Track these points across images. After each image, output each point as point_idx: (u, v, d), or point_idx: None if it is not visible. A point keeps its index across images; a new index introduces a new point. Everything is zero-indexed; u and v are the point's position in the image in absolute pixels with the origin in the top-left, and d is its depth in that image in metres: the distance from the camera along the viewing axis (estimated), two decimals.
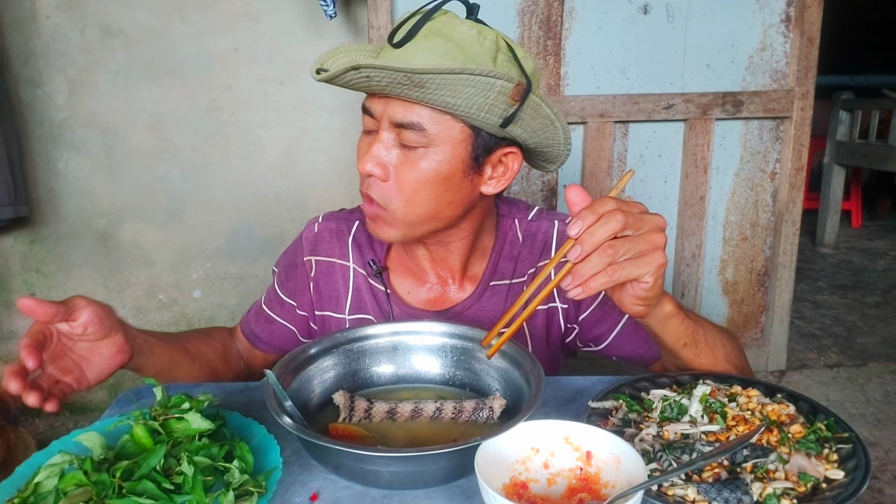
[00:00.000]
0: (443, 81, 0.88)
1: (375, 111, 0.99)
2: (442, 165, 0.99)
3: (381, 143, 0.99)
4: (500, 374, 0.97)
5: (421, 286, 1.20)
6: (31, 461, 0.78)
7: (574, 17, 2.46)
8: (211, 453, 0.75)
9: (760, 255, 2.75)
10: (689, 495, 0.70)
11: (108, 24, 2.60)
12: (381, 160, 0.99)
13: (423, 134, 0.97)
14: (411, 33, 0.95)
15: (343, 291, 1.22)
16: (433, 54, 0.93)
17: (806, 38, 2.49)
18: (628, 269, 0.79)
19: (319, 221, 1.26)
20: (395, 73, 0.87)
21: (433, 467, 0.74)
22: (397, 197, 1.01)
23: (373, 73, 0.88)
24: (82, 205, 2.78)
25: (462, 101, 0.92)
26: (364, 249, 1.22)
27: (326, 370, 0.99)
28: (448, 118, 0.97)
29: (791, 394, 0.91)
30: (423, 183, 1.00)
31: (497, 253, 1.20)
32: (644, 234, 0.80)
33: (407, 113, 0.96)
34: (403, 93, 0.93)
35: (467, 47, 0.95)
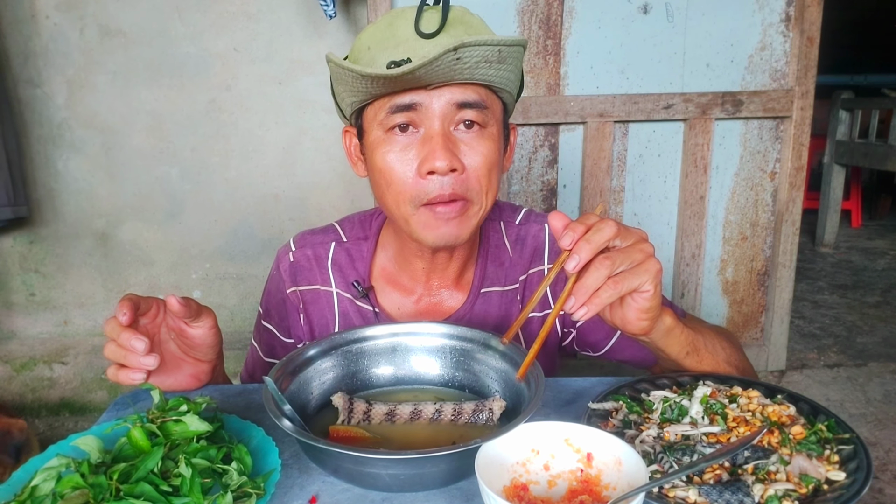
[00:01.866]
0: (516, 55, 0.92)
1: (422, 101, 0.92)
2: (497, 144, 0.99)
3: (442, 135, 0.93)
4: (500, 375, 0.97)
5: (410, 298, 1.16)
6: (28, 465, 0.77)
7: (574, 17, 2.45)
8: (209, 455, 0.74)
9: (760, 255, 2.75)
10: (690, 497, 0.70)
11: (107, 24, 2.60)
12: (453, 152, 0.94)
13: (484, 112, 0.95)
14: (443, 22, 0.92)
15: (330, 318, 1.17)
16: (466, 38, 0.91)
17: (806, 38, 2.49)
18: (629, 279, 0.78)
19: (293, 250, 1.19)
20: (490, 48, 0.86)
21: (433, 469, 0.73)
22: (477, 185, 0.97)
23: (465, 53, 0.85)
24: (81, 205, 2.78)
25: (514, 75, 0.96)
26: (346, 271, 1.17)
27: (325, 372, 0.98)
28: (494, 97, 0.98)
29: (792, 395, 0.90)
30: (493, 164, 0.98)
31: (483, 258, 1.16)
32: (634, 244, 0.79)
33: (468, 93, 0.93)
34: (482, 72, 0.90)
35: (483, 32, 0.97)
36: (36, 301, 2.91)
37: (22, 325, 2.94)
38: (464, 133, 0.95)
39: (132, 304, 0.88)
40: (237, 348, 2.42)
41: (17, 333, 2.94)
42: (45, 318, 2.94)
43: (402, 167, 0.96)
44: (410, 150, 0.95)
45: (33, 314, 2.93)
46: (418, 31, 0.92)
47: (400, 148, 0.95)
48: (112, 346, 0.88)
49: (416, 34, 0.92)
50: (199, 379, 1.01)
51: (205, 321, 0.95)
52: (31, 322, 2.94)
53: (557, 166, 2.58)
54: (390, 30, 0.94)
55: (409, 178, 0.96)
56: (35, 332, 2.95)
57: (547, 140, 2.56)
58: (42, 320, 2.94)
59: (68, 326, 2.94)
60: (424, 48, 0.90)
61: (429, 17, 0.94)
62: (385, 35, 0.94)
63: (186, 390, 1.01)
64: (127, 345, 0.86)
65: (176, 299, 0.89)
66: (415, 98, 0.92)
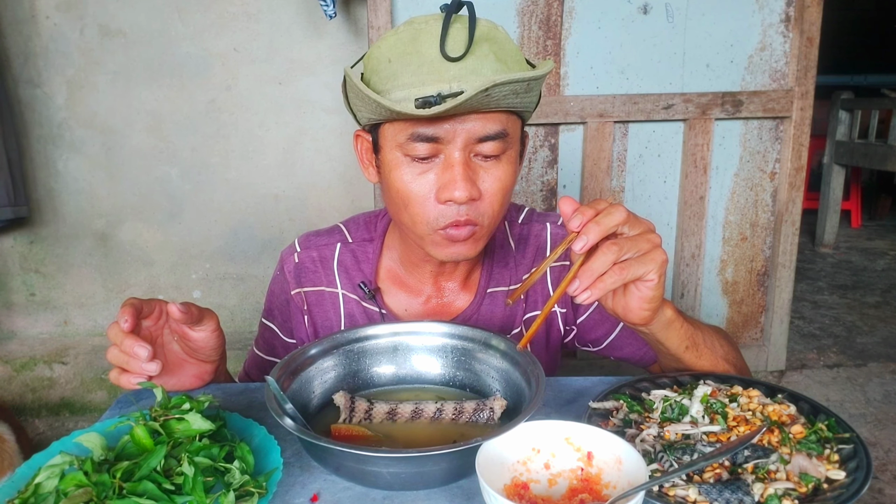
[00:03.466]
0: (540, 81, 0.91)
1: (444, 134, 0.91)
2: (515, 165, 1.00)
3: (462, 163, 0.93)
4: (501, 374, 0.97)
5: (417, 299, 1.16)
6: (32, 462, 0.77)
7: (574, 17, 2.46)
8: (211, 454, 0.75)
9: (760, 255, 2.75)
10: (690, 496, 0.70)
11: (107, 24, 2.60)
12: (473, 181, 0.94)
13: (505, 140, 0.94)
14: (470, 42, 0.90)
15: (335, 320, 1.17)
16: (492, 59, 0.91)
17: (805, 38, 2.49)
18: (634, 266, 0.79)
19: (298, 251, 1.19)
20: (519, 83, 0.85)
21: (434, 468, 0.73)
22: (490, 210, 0.98)
23: (495, 91, 0.84)
24: (81, 205, 2.78)
25: (536, 97, 0.97)
26: (352, 273, 1.17)
27: (327, 371, 0.98)
28: (514, 117, 0.97)
29: (792, 394, 0.90)
30: (508, 187, 0.99)
31: (490, 259, 1.17)
32: (642, 233, 0.80)
33: (491, 125, 0.92)
34: (509, 102, 0.89)
35: (508, 47, 0.95)
36: (36, 301, 2.91)
37: (22, 325, 2.94)
38: (483, 161, 0.96)
39: (134, 310, 0.88)
40: (237, 348, 2.42)
41: (17, 333, 2.95)
42: (45, 318, 2.94)
43: (420, 191, 0.95)
44: (429, 174, 0.95)
45: (33, 314, 2.93)
46: (444, 52, 0.89)
47: (419, 172, 0.95)
48: (115, 351, 0.88)
49: (442, 56, 0.89)
50: (203, 379, 1.02)
51: (207, 325, 0.95)
52: (32, 322, 2.94)
53: (557, 166, 2.59)
54: (414, 45, 0.91)
55: (428, 203, 0.96)
56: (35, 332, 2.95)
57: (547, 140, 2.56)
58: (42, 320, 2.94)
59: (68, 326, 2.95)
60: (450, 71, 0.89)
61: (454, 33, 0.90)
62: (408, 50, 0.91)
63: (189, 390, 1.01)
64: (130, 351, 0.86)
65: (177, 307, 0.89)
66: (438, 131, 0.91)
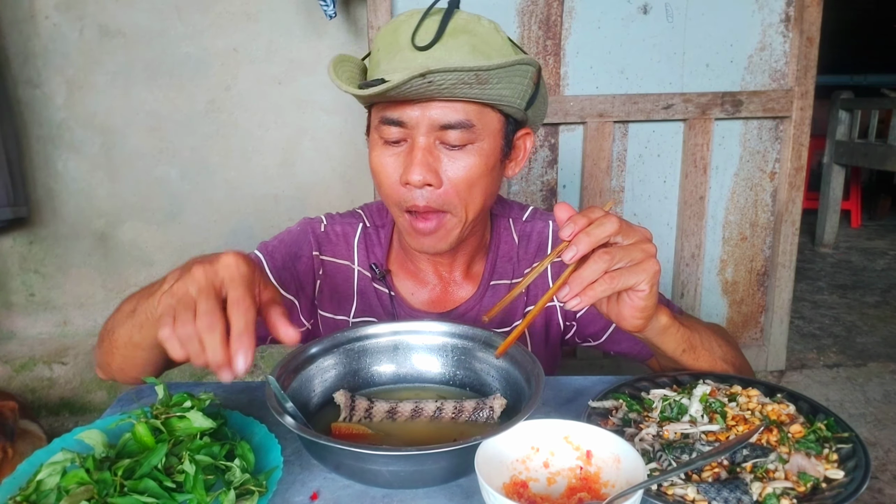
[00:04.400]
0: (504, 74, 0.91)
1: (408, 119, 0.96)
2: (489, 158, 1.00)
3: (423, 148, 0.97)
4: (501, 373, 0.97)
5: (423, 288, 1.20)
6: (33, 459, 0.78)
7: (573, 17, 2.46)
8: (212, 452, 0.75)
9: (760, 255, 2.76)
10: (688, 495, 0.70)
11: (106, 24, 2.60)
12: (431, 166, 0.97)
13: (470, 130, 0.96)
14: (439, 33, 0.93)
15: (348, 294, 1.21)
16: (466, 51, 0.93)
17: (805, 38, 2.49)
18: (625, 276, 0.78)
19: (325, 223, 1.23)
20: (464, 73, 0.87)
21: (433, 466, 0.74)
22: (456, 199, 1.00)
23: (437, 78, 0.86)
24: (81, 205, 2.78)
25: (511, 91, 0.95)
26: (368, 252, 1.21)
27: (327, 370, 0.99)
28: (489, 110, 0.98)
29: (791, 393, 0.91)
30: (476, 179, 1.00)
31: (494, 252, 1.20)
32: (636, 243, 0.80)
33: (452, 113, 0.95)
34: (462, 92, 0.91)
35: (490, 40, 0.96)
36: (35, 301, 2.91)
37: (22, 325, 2.94)
38: (448, 149, 0.98)
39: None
40: None
41: (16, 334, 2.94)
42: (44, 319, 2.94)
43: (388, 172, 1.01)
44: (399, 157, 1.00)
45: (33, 314, 2.93)
46: (413, 41, 0.93)
47: (389, 154, 1.01)
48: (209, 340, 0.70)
49: (412, 45, 0.93)
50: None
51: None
52: (31, 322, 2.94)
53: (557, 166, 2.59)
54: (394, 35, 0.96)
55: (394, 184, 1.01)
56: (35, 333, 2.95)
57: (547, 140, 2.56)
58: (42, 320, 2.94)
59: (68, 327, 2.95)
60: (418, 59, 0.93)
61: (428, 25, 0.94)
62: (389, 40, 0.97)
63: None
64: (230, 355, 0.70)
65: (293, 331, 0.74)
66: (402, 116, 0.96)
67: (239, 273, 0.71)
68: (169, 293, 0.71)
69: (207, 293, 0.70)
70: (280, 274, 1.18)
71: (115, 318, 0.98)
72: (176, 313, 0.69)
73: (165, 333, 0.69)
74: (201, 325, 0.68)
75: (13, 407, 2.07)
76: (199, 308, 0.69)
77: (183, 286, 0.71)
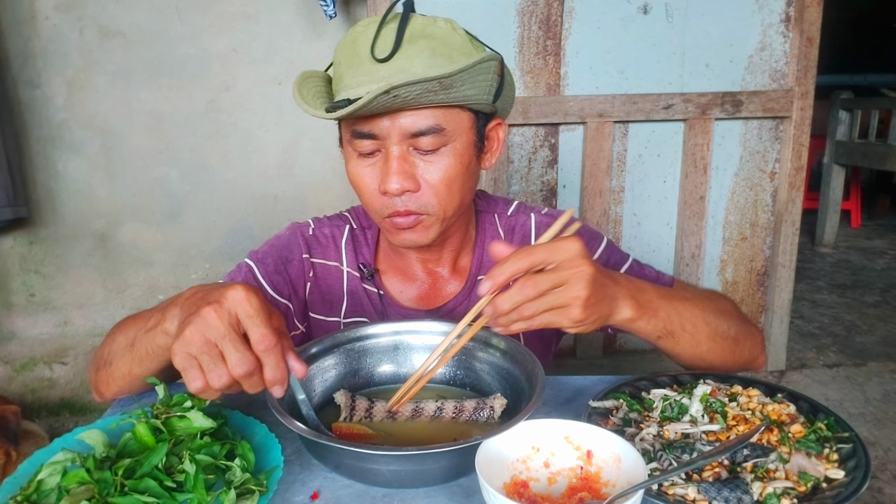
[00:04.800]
0: (466, 76, 0.91)
1: (379, 131, 0.97)
2: (463, 157, 1.01)
3: (398, 157, 0.98)
4: (501, 373, 0.97)
5: (411, 285, 1.21)
6: (34, 459, 0.78)
7: (573, 17, 2.46)
8: (212, 452, 0.75)
9: (760, 255, 2.76)
10: (689, 494, 0.70)
11: (106, 24, 2.60)
12: (407, 173, 0.98)
13: (441, 134, 0.97)
14: (397, 42, 0.93)
15: (339, 296, 1.21)
16: (427, 55, 0.93)
17: (805, 38, 2.49)
18: (546, 318, 0.78)
19: (312, 226, 1.24)
20: (427, 83, 0.87)
21: (434, 466, 0.74)
22: (434, 200, 1.01)
23: (402, 92, 0.87)
24: (81, 206, 2.78)
25: (476, 90, 0.96)
26: (356, 253, 1.22)
27: (327, 370, 0.99)
28: (458, 110, 0.99)
29: (791, 393, 0.91)
30: (453, 179, 1.01)
31: (480, 247, 1.21)
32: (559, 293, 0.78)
33: (422, 120, 0.95)
34: (429, 100, 0.92)
35: (450, 40, 0.96)
36: (36, 302, 2.91)
37: (22, 325, 2.94)
38: (423, 154, 0.99)
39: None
40: None
41: (17, 334, 2.94)
42: (44, 319, 2.93)
43: (367, 183, 1.03)
44: (375, 168, 1.01)
45: (33, 315, 2.93)
46: (373, 54, 0.94)
47: (365, 166, 1.02)
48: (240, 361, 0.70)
49: (372, 57, 0.94)
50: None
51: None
52: (31, 322, 2.94)
53: (557, 166, 2.59)
54: (353, 48, 0.97)
55: (374, 194, 1.02)
56: (35, 333, 2.95)
57: (547, 140, 2.56)
58: (42, 321, 2.94)
59: (68, 327, 2.94)
60: (380, 71, 0.93)
61: (386, 34, 0.95)
62: (349, 53, 0.98)
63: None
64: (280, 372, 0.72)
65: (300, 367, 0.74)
66: (373, 128, 0.97)
67: (254, 309, 0.70)
68: (183, 341, 0.69)
69: (232, 338, 0.69)
70: (273, 279, 1.18)
71: (111, 349, 0.98)
72: (203, 365, 0.69)
73: (198, 387, 0.69)
74: (238, 373, 0.68)
75: (16, 410, 2.07)
76: (231, 358, 0.68)
77: (198, 334, 0.69)
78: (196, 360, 0.69)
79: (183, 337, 0.69)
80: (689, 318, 0.97)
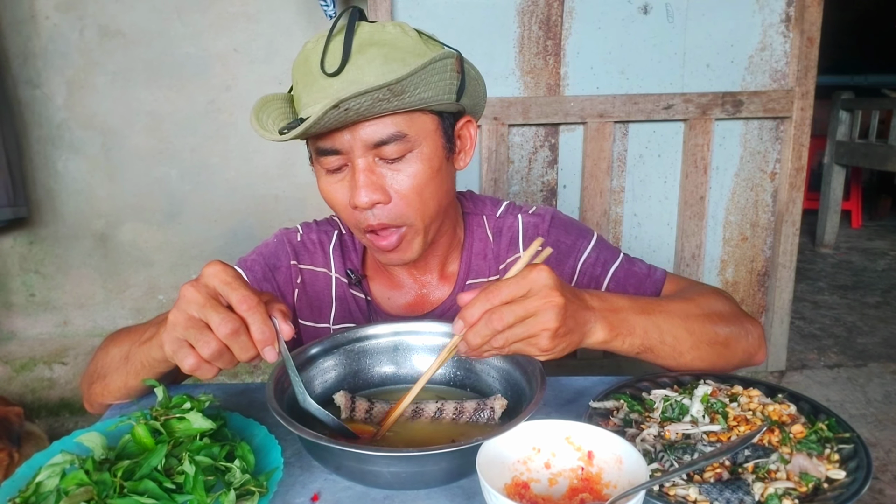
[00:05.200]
0: (418, 80, 0.89)
1: (341, 145, 0.95)
2: (432, 160, 0.99)
3: (364, 170, 0.96)
4: (501, 374, 0.97)
5: (398, 292, 1.19)
6: (33, 461, 0.77)
7: (574, 17, 2.46)
8: (212, 453, 0.75)
9: (760, 256, 2.75)
10: (690, 495, 0.70)
11: (106, 24, 2.60)
12: (375, 185, 0.96)
13: (405, 140, 0.95)
14: (345, 55, 0.91)
15: (327, 301, 1.20)
16: (378, 63, 0.91)
17: (806, 38, 2.49)
18: (516, 347, 0.79)
19: (300, 232, 1.23)
20: (376, 91, 0.84)
21: (434, 468, 0.73)
22: (409, 210, 0.99)
23: (352, 104, 0.84)
24: (81, 205, 2.78)
25: (433, 91, 0.93)
26: (344, 259, 1.21)
27: (327, 370, 0.98)
28: (419, 114, 0.96)
29: (792, 394, 0.90)
30: (424, 185, 0.99)
31: (469, 250, 1.19)
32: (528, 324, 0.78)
33: (382, 129, 0.93)
34: (382, 108, 0.90)
35: (401, 44, 0.94)
36: (36, 302, 2.91)
37: (22, 325, 2.94)
38: (389, 163, 0.97)
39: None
40: None
41: (17, 334, 2.94)
42: (44, 319, 2.94)
43: (339, 199, 1.01)
44: (344, 182, 0.99)
45: (33, 315, 2.93)
46: (323, 68, 0.92)
47: (335, 182, 1.00)
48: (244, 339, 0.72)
49: (322, 73, 0.92)
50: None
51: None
52: (31, 323, 2.94)
53: (557, 167, 2.59)
54: (306, 66, 0.95)
55: (347, 209, 1.01)
56: (35, 333, 2.95)
57: (547, 140, 2.56)
58: (42, 321, 2.94)
59: (68, 327, 2.94)
60: (333, 86, 0.91)
61: (334, 48, 0.93)
62: (303, 71, 0.96)
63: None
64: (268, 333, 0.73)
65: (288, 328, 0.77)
66: (335, 143, 0.95)
67: (230, 277, 0.73)
68: (169, 327, 0.72)
69: (212, 304, 0.71)
70: (261, 286, 1.18)
71: (104, 363, 0.99)
72: (191, 340, 0.72)
73: (191, 364, 0.72)
74: (223, 334, 0.70)
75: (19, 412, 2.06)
76: (213, 321, 0.71)
77: (180, 313, 0.72)
78: (185, 341, 0.72)
79: (168, 323, 0.73)
80: (670, 330, 0.95)
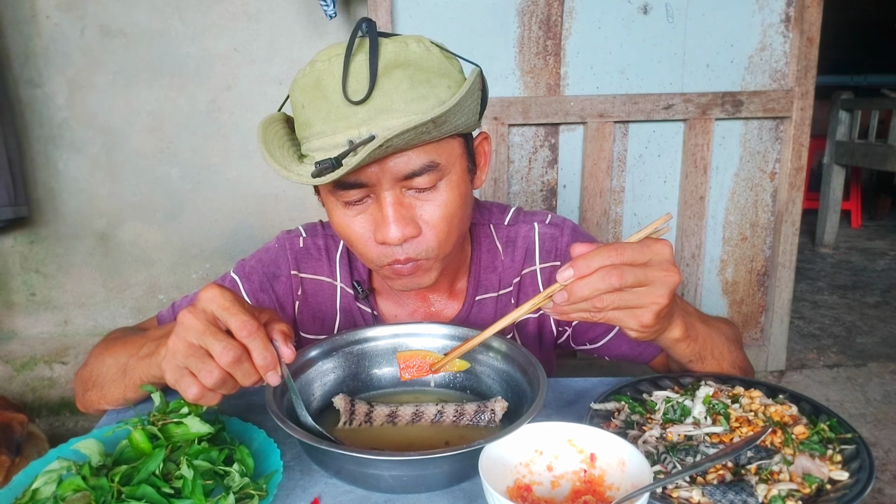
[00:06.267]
0: (456, 108, 0.83)
1: (368, 178, 0.87)
2: (460, 186, 0.94)
3: (393, 203, 0.88)
4: (501, 376, 0.96)
5: (406, 309, 1.15)
6: (29, 469, 0.77)
7: (574, 17, 2.45)
8: (210, 457, 0.74)
9: (760, 255, 2.75)
10: (693, 497, 0.70)
11: (107, 24, 2.60)
12: (407, 218, 0.90)
13: (437, 169, 0.89)
14: (372, 80, 0.83)
15: (331, 312, 1.15)
16: (406, 88, 0.84)
17: (805, 38, 2.49)
18: (615, 314, 0.76)
19: (304, 236, 1.16)
20: (420, 126, 0.78)
21: (436, 471, 0.73)
22: (435, 242, 0.93)
23: (395, 141, 0.79)
24: (82, 205, 2.78)
25: (465, 116, 0.88)
26: (351, 268, 1.15)
27: (326, 373, 0.98)
28: (448, 140, 0.91)
29: (793, 394, 0.90)
30: (453, 214, 0.93)
31: (477, 265, 1.14)
32: (640, 293, 0.75)
33: (415, 160, 0.86)
34: (422, 140, 0.84)
35: (426, 64, 0.86)
36: (36, 301, 2.91)
37: (22, 325, 2.93)
38: (418, 193, 0.91)
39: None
40: None
41: (17, 333, 2.94)
42: (45, 318, 2.93)
43: (359, 233, 0.93)
44: (365, 215, 0.92)
45: (34, 314, 2.93)
46: (346, 96, 0.83)
47: (354, 215, 0.93)
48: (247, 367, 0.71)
49: (346, 100, 0.83)
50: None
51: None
52: (32, 322, 2.93)
53: (557, 166, 2.58)
54: (319, 90, 0.86)
55: (369, 244, 0.94)
56: (35, 332, 2.94)
57: (547, 140, 2.56)
58: (42, 320, 2.93)
59: (69, 326, 2.94)
60: (358, 115, 0.83)
61: (356, 70, 0.84)
62: (315, 95, 0.86)
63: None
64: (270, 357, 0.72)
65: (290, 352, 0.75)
66: (360, 177, 0.87)
67: (228, 301, 0.71)
68: (169, 354, 0.71)
69: (212, 331, 0.70)
70: (258, 296, 1.14)
71: (100, 373, 0.98)
72: (193, 369, 0.70)
73: (195, 393, 0.71)
74: (225, 362, 0.69)
75: (22, 420, 2.05)
76: (215, 349, 0.69)
77: (180, 340, 0.70)
78: (186, 369, 0.71)
79: (168, 350, 0.72)
80: (718, 345, 0.99)
